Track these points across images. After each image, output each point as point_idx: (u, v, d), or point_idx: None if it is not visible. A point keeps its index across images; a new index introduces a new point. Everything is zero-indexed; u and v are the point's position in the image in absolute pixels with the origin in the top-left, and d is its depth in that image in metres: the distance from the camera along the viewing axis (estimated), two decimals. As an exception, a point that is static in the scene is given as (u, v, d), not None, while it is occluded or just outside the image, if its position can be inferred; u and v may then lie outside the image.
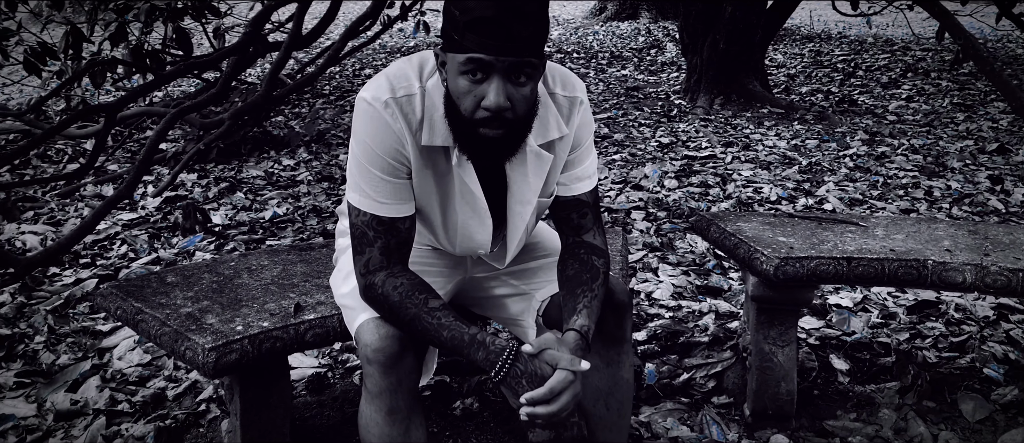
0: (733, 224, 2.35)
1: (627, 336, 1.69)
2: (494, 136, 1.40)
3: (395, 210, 1.50)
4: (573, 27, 12.08)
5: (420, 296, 1.46)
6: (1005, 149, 5.00)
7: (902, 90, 7.02)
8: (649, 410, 2.29)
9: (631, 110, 6.36)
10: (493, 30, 1.31)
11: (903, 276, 2.06)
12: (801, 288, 2.14)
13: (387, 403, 1.48)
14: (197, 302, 1.86)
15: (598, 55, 9.28)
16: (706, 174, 4.55)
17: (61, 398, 2.36)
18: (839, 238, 2.21)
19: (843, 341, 2.64)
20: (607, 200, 4.12)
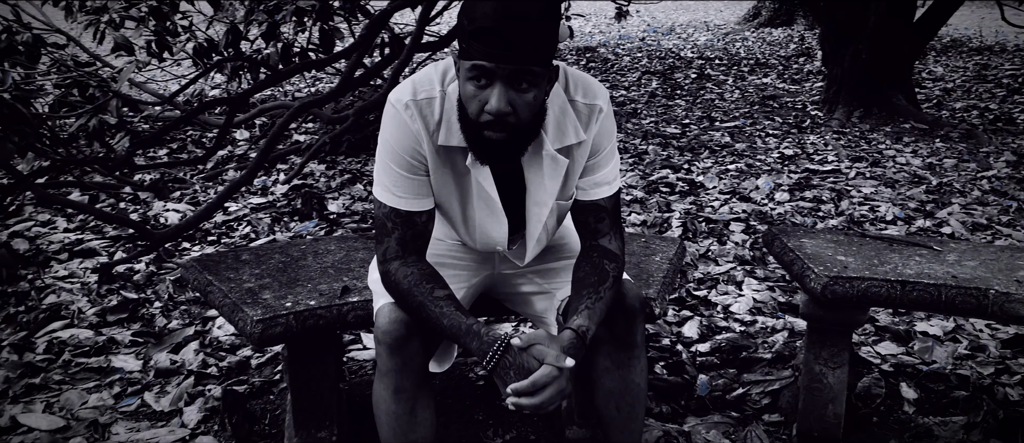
0: (796, 240, 2.31)
1: (637, 341, 1.72)
2: (497, 138, 1.48)
3: (412, 204, 1.61)
4: (722, 33, 11.83)
5: (427, 285, 1.56)
6: None
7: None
8: (694, 420, 2.29)
9: (761, 119, 6.20)
10: (494, 39, 1.40)
11: (961, 305, 1.96)
12: (852, 309, 2.07)
13: (393, 382, 1.60)
14: (260, 279, 2.05)
15: (741, 62, 9.06)
16: (823, 189, 4.39)
17: (163, 358, 2.65)
18: (904, 261, 2.13)
19: (919, 370, 2.51)
20: (709, 210, 4.08)
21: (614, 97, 7.27)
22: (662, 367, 2.56)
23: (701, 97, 7.19)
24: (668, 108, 6.76)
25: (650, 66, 9.00)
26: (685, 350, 2.68)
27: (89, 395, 2.45)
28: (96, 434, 2.27)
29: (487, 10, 1.39)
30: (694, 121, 6.20)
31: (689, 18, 14.49)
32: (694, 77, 8.22)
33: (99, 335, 2.84)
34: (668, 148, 5.34)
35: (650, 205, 4.16)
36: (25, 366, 2.62)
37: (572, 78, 1.65)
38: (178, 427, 2.29)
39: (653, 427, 2.24)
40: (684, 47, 10.48)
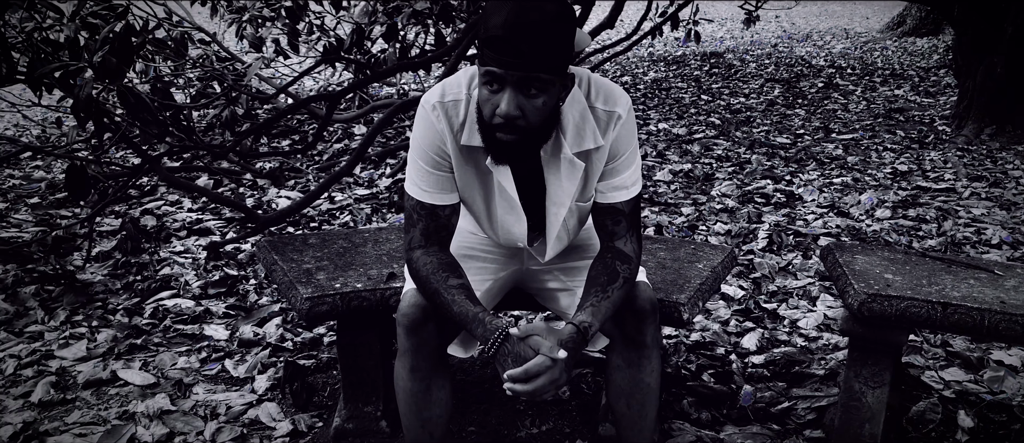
0: (849, 255, 2.28)
1: (648, 342, 1.77)
2: (508, 140, 1.58)
3: (436, 198, 1.73)
4: (862, 41, 11.33)
5: (443, 274, 1.68)
6: None
7: None
8: (732, 430, 2.30)
9: (882, 133, 5.95)
10: (504, 47, 1.50)
11: (1004, 331, 1.89)
12: (892, 328, 2.03)
13: (410, 361, 1.73)
14: (319, 261, 2.24)
15: (875, 72, 8.68)
16: (929, 208, 4.19)
17: (248, 330, 2.90)
18: (956, 283, 2.06)
19: (982, 399, 2.41)
20: (801, 224, 3.99)
21: (731, 105, 7.16)
22: (710, 375, 2.57)
23: (823, 107, 6.96)
24: (785, 117, 6.59)
25: (776, 73, 8.77)
26: (739, 360, 2.68)
27: (180, 358, 2.73)
28: (179, 392, 2.53)
29: (499, 20, 1.50)
30: (809, 132, 6.02)
31: (830, 25, 13.95)
32: (821, 86, 7.95)
33: (198, 305, 3.13)
34: (774, 158, 5.23)
35: (739, 216, 4.12)
36: (132, 328, 2.94)
37: (594, 85, 1.72)
38: (248, 392, 2.51)
39: (687, 431, 2.27)
40: (817, 55, 10.13)
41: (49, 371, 2.64)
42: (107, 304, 3.17)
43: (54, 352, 2.77)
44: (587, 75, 1.74)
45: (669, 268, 2.24)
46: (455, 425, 2.32)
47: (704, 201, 4.40)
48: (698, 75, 8.88)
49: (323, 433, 2.29)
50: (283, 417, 2.37)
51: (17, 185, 4.88)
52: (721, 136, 5.91)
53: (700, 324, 2.94)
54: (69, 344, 2.83)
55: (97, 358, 2.73)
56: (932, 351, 2.71)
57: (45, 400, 2.46)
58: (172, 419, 2.37)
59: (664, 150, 5.48)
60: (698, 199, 4.43)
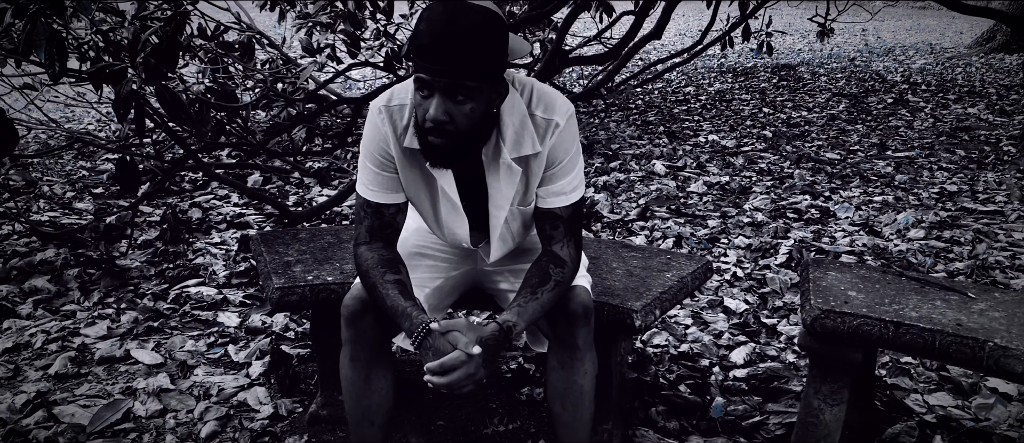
0: (821, 271, 2.27)
1: (580, 344, 1.81)
2: (439, 144, 1.66)
3: (381, 197, 1.82)
4: (946, 56, 10.90)
5: (381, 269, 1.77)
6: None
7: None
8: (698, 440, 2.31)
9: (941, 152, 5.74)
10: (430, 55, 1.58)
11: (955, 353, 1.85)
12: (847, 346, 2.01)
13: (350, 351, 1.83)
14: (301, 255, 2.36)
15: (951, 89, 8.35)
16: (968, 230, 4.05)
17: (257, 319, 3.06)
18: (922, 303, 2.03)
19: (962, 425, 2.34)
20: (827, 241, 3.92)
21: (791, 118, 7.03)
22: (687, 385, 2.58)
23: (886, 124, 6.75)
24: (843, 133, 6.44)
25: (845, 88, 8.54)
26: (722, 373, 2.67)
27: (189, 341, 2.91)
28: (181, 373, 2.70)
29: (426, 29, 1.58)
30: (864, 148, 5.87)
31: (919, 39, 13.44)
32: (889, 102, 7.71)
33: (219, 294, 3.32)
34: (819, 174, 5.13)
35: (766, 230, 4.07)
36: (153, 312, 3.14)
37: (536, 93, 1.78)
38: (243, 377, 2.66)
39: (649, 439, 2.29)
40: (894, 70, 9.80)
41: (71, 347, 2.86)
42: (139, 289, 3.39)
43: (80, 330, 2.99)
44: (530, 83, 1.80)
45: (636, 276, 2.28)
46: (426, 419, 2.41)
47: (734, 214, 4.36)
48: (765, 88, 8.73)
49: (301, 418, 2.41)
50: (268, 401, 2.51)
51: (85, 176, 5.23)
52: (769, 150, 5.82)
53: (692, 335, 2.94)
54: (94, 323, 3.04)
55: (115, 337, 2.93)
56: (925, 374, 2.64)
57: (61, 373, 2.67)
58: (168, 397, 2.54)
59: (706, 162, 5.44)
60: (728, 212, 4.40)
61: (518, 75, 1.82)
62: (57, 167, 5.47)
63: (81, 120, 7.08)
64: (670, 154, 5.65)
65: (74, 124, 6.88)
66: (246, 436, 2.31)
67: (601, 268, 2.33)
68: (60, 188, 4.93)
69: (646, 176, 5.10)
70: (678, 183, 4.95)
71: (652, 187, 4.82)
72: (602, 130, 6.52)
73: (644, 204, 4.47)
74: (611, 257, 2.43)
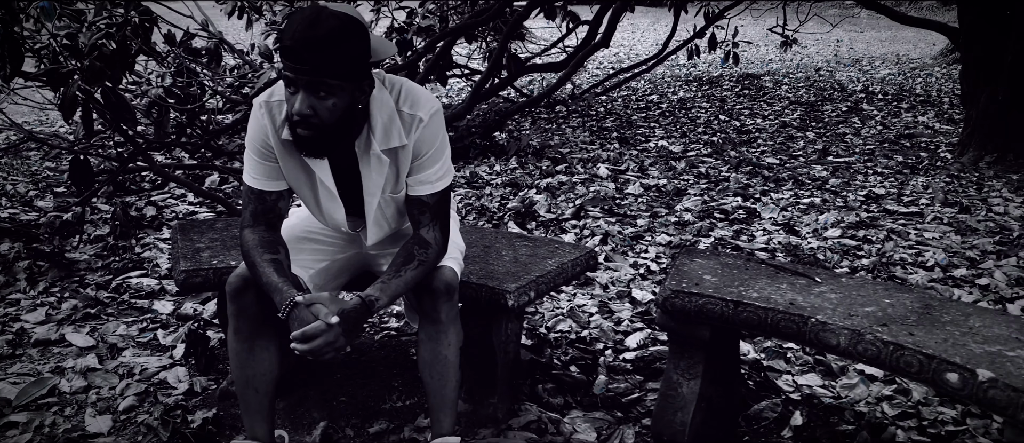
0: (689, 258, 2.46)
1: (442, 319, 2.01)
2: (306, 135, 1.85)
3: (263, 184, 2.02)
4: (909, 67, 11.13)
5: (261, 250, 1.96)
6: None
7: None
8: (577, 413, 2.50)
9: (880, 158, 5.95)
10: (293, 55, 1.77)
11: (783, 328, 2.05)
12: (693, 323, 2.21)
13: (234, 324, 2.02)
14: (212, 242, 2.55)
15: (907, 98, 8.57)
16: (882, 230, 4.26)
17: (190, 306, 3.25)
18: (768, 287, 2.23)
19: (822, 402, 2.54)
20: (744, 239, 4.12)
21: (744, 125, 7.24)
22: (577, 366, 2.77)
23: (835, 131, 6.97)
24: (790, 139, 6.65)
25: (804, 97, 8.77)
26: (614, 356, 2.87)
27: (123, 326, 3.09)
28: (110, 355, 2.88)
29: (289, 32, 1.78)
30: (806, 154, 6.08)
31: (890, 50, 13.68)
32: (843, 111, 7.93)
33: (159, 284, 3.50)
34: (755, 178, 5.33)
35: (690, 229, 4.27)
36: (93, 300, 3.32)
37: (404, 91, 1.98)
38: (166, 358, 2.85)
39: (531, 412, 2.48)
40: (857, 80, 10.03)
41: (10, 331, 3.04)
42: (84, 279, 3.58)
43: (20, 316, 3.17)
44: (399, 82, 2.00)
45: (520, 263, 2.47)
46: (329, 395, 2.60)
47: (664, 214, 4.56)
48: (726, 96, 8.95)
49: (213, 394, 2.59)
50: (186, 379, 2.69)
51: (49, 175, 5.41)
52: (713, 154, 6.03)
53: (595, 323, 3.13)
54: (35, 310, 3.23)
55: (53, 323, 3.11)
56: (801, 358, 2.84)
57: (-3, 354, 2.86)
58: (94, 375, 2.72)
59: (648, 166, 5.64)
60: (659, 212, 4.60)
61: (389, 75, 2.02)
62: (23, 167, 5.65)
63: (53, 123, 7.27)
64: (616, 158, 5.85)
65: (46, 127, 7.06)
66: (159, 409, 2.49)
67: (491, 255, 2.53)
68: (23, 187, 5.11)
69: (589, 178, 5.30)
70: (618, 185, 5.15)
71: (591, 188, 5.02)
72: (557, 135, 6.73)
73: (580, 204, 4.66)
74: (504, 246, 2.63)
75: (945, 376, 1.77)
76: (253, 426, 2.09)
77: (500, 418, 2.44)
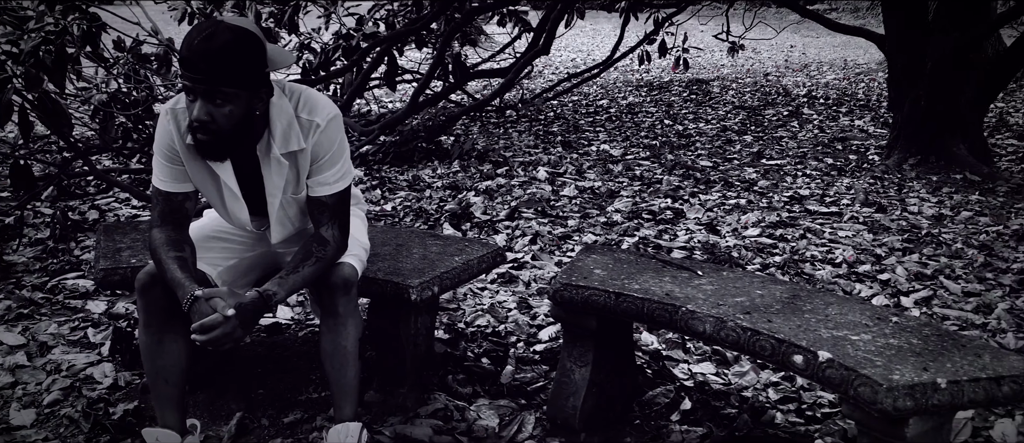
0: (586, 254, 2.63)
1: (341, 312, 2.15)
2: (204, 141, 1.99)
3: (170, 186, 2.14)
4: (855, 72, 11.45)
5: (167, 247, 2.09)
6: None
7: None
8: (483, 401, 2.65)
9: (810, 161, 6.19)
10: (189, 65, 1.91)
11: (658, 317, 2.22)
12: (581, 314, 2.37)
13: (143, 318, 2.14)
14: (132, 242, 2.67)
15: (847, 102, 8.85)
16: (799, 229, 4.46)
17: (121, 306, 3.35)
18: (652, 280, 2.39)
19: (712, 388, 2.71)
20: (667, 238, 4.30)
21: (687, 129, 7.45)
22: (489, 358, 2.93)
23: (773, 135, 7.20)
24: (729, 143, 6.87)
25: (749, 101, 9.02)
26: (525, 348, 3.02)
27: (55, 325, 3.19)
28: (40, 352, 2.98)
29: (186, 44, 1.91)
30: (741, 157, 6.30)
31: (836, 55, 14.01)
32: (784, 115, 8.18)
33: (94, 285, 3.60)
34: (688, 180, 5.53)
35: (617, 229, 4.44)
36: (28, 300, 3.41)
37: (303, 98, 2.12)
38: (95, 355, 2.95)
39: (440, 400, 2.63)
40: (803, 84, 10.31)
41: (-56, 331, 3.13)
42: (20, 281, 3.66)
43: (-46, 316, 3.26)
44: (299, 90, 2.14)
45: (429, 259, 2.62)
46: (249, 388, 2.72)
47: (595, 215, 4.73)
48: (674, 101, 9.17)
49: (136, 388, 2.71)
50: (112, 374, 2.80)
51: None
52: (650, 158, 6.22)
53: (513, 317, 3.29)
54: (-31, 310, 3.31)
55: (-14, 322, 3.21)
56: (700, 349, 3.02)
57: (-72, 352, 2.94)
58: (22, 372, 2.82)
59: (587, 169, 5.82)
60: (591, 213, 4.77)
61: (289, 83, 2.16)
62: (-31, 172, 5.69)
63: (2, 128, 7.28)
64: (556, 162, 6.02)
65: None
66: (83, 403, 2.60)
67: (402, 253, 2.67)
68: (-33, 192, 5.16)
69: (528, 181, 5.47)
70: (554, 187, 5.32)
71: (529, 191, 5.18)
72: (503, 139, 6.89)
73: (515, 206, 4.82)
74: (416, 245, 2.77)
75: (792, 358, 1.95)
76: (165, 415, 2.21)
77: (409, 407, 2.59)
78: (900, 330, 2.05)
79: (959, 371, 1.83)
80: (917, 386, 1.76)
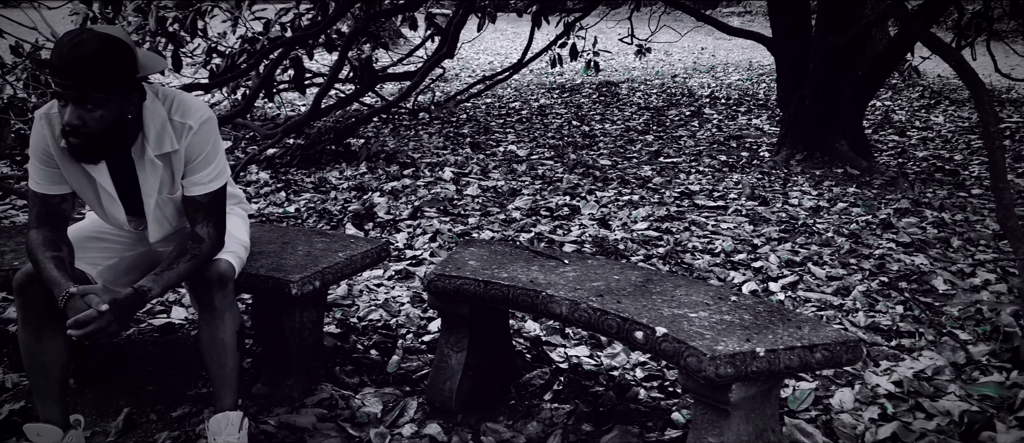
0: (465, 247, 2.78)
1: (217, 306, 2.25)
2: (77, 144, 2.07)
3: (46, 188, 2.21)
4: (758, 73, 11.94)
5: (44, 248, 2.16)
6: None
7: None
8: (369, 389, 2.78)
9: (705, 158, 6.49)
10: (58, 72, 1.99)
11: (521, 302, 2.39)
12: (454, 302, 2.52)
13: (22, 316, 2.21)
14: (18, 246, 2.71)
15: (747, 102, 9.25)
16: (685, 222, 4.72)
17: (11, 310, 3.36)
18: (520, 269, 2.56)
19: (584, 369, 2.90)
20: (560, 233, 4.49)
21: (594, 130, 7.69)
22: (378, 349, 3.05)
23: (673, 134, 7.50)
24: (630, 142, 7.13)
25: (655, 102, 9.34)
26: (414, 339, 3.16)
27: (-59, 331, 3.18)
28: (-76, 358, 2.99)
29: (56, 52, 1.99)
30: (640, 156, 6.56)
31: (743, 57, 14.56)
32: (686, 115, 8.52)
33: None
34: (587, 178, 5.75)
35: (514, 226, 4.62)
36: (-87, 308, 3.39)
37: (176, 101, 2.22)
38: (-18, 358, 2.97)
39: (326, 390, 2.74)
40: (707, 86, 10.71)
41: None
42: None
43: None
44: (172, 93, 2.23)
45: (313, 256, 2.73)
46: (138, 385, 2.79)
47: (496, 213, 4.90)
48: (583, 102, 9.44)
49: (24, 389, 2.75)
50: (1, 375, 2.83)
51: None
52: (554, 157, 6.44)
53: (406, 311, 3.42)
54: None
55: None
56: (578, 333, 3.20)
57: None
58: (-96, 377, 2.82)
59: (492, 168, 5.99)
60: (492, 210, 4.93)
61: (162, 87, 2.25)
62: None
63: None
64: (463, 162, 6.18)
65: None
66: (-33, 405, 2.63)
67: (287, 251, 2.78)
68: None
69: (433, 181, 5.60)
70: (459, 187, 5.47)
71: (433, 191, 5.32)
72: (413, 141, 7.01)
73: (418, 205, 4.95)
74: (301, 242, 2.88)
75: (634, 334, 2.14)
76: (46, 411, 2.28)
77: (295, 398, 2.70)
78: (735, 308, 2.26)
79: (778, 341, 2.05)
80: (738, 355, 1.96)
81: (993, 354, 3.03)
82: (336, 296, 3.56)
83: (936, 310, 3.50)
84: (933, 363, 2.95)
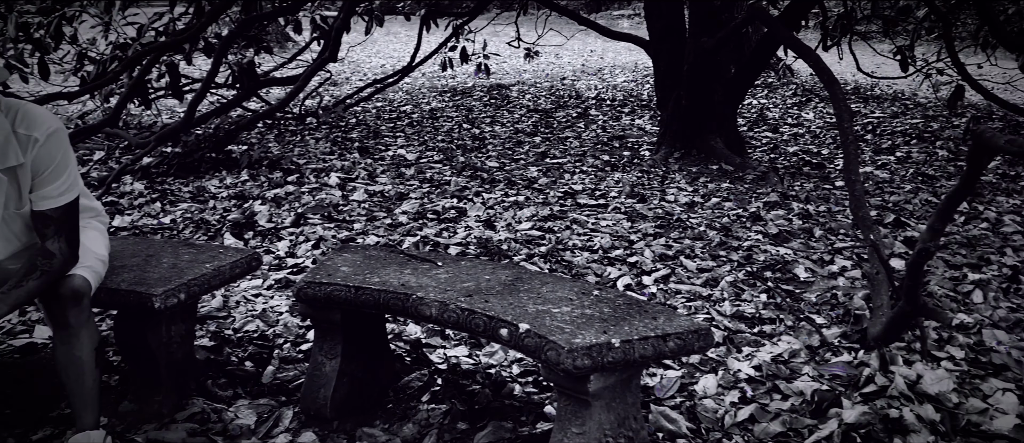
0: (337, 254, 2.78)
1: (72, 323, 2.19)
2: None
3: None
4: (643, 75, 12.30)
5: None
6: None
7: (884, 158, 6.82)
8: (243, 402, 2.75)
9: (588, 158, 6.65)
10: None
11: (393, 305, 2.42)
12: (325, 308, 2.52)
13: None
14: None
15: (632, 103, 9.52)
16: (568, 221, 4.83)
17: None
18: (392, 273, 2.58)
19: (462, 368, 2.95)
20: (446, 235, 4.53)
21: (483, 132, 7.76)
22: (252, 361, 3.02)
23: (560, 135, 7.65)
24: (519, 144, 7.23)
25: (543, 105, 9.49)
26: (292, 347, 3.13)
27: None
28: None
29: None
30: (527, 157, 6.67)
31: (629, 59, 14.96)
32: (573, 117, 8.69)
33: None
34: (474, 180, 5.80)
35: (400, 230, 4.62)
36: None
37: (21, 114, 2.14)
38: None
39: (197, 405, 2.69)
40: (595, 87, 10.96)
41: None
42: None
43: None
44: (17, 105, 2.16)
45: (178, 267, 2.68)
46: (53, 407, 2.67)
47: (382, 217, 4.89)
48: (474, 105, 9.50)
49: None
50: None
51: None
52: (442, 161, 6.47)
53: (284, 320, 3.39)
54: None
55: None
56: (459, 335, 3.25)
57: None
58: None
59: (380, 173, 5.97)
60: (378, 215, 4.92)
61: (8, 99, 2.17)
62: None
63: None
64: (350, 167, 6.13)
65: None
66: None
67: (151, 264, 2.71)
68: None
69: (318, 187, 5.54)
70: (345, 193, 5.43)
71: (318, 197, 5.26)
72: (298, 146, 6.91)
73: (300, 212, 4.89)
74: (167, 255, 2.82)
75: (499, 331, 2.20)
76: None
77: (165, 413, 2.64)
78: (597, 302, 2.35)
79: (633, 332, 2.14)
80: (594, 346, 2.05)
81: (844, 336, 3.25)
82: (211, 308, 3.49)
83: (796, 297, 3.72)
84: (790, 347, 3.13)
